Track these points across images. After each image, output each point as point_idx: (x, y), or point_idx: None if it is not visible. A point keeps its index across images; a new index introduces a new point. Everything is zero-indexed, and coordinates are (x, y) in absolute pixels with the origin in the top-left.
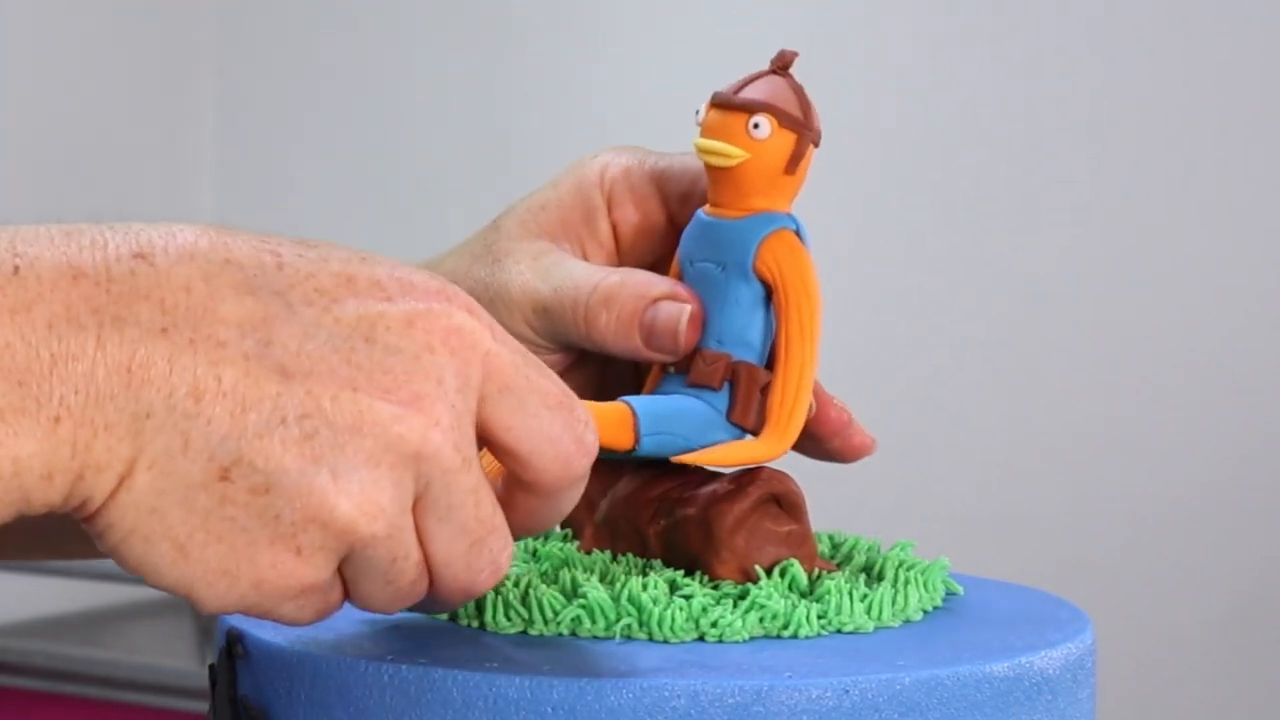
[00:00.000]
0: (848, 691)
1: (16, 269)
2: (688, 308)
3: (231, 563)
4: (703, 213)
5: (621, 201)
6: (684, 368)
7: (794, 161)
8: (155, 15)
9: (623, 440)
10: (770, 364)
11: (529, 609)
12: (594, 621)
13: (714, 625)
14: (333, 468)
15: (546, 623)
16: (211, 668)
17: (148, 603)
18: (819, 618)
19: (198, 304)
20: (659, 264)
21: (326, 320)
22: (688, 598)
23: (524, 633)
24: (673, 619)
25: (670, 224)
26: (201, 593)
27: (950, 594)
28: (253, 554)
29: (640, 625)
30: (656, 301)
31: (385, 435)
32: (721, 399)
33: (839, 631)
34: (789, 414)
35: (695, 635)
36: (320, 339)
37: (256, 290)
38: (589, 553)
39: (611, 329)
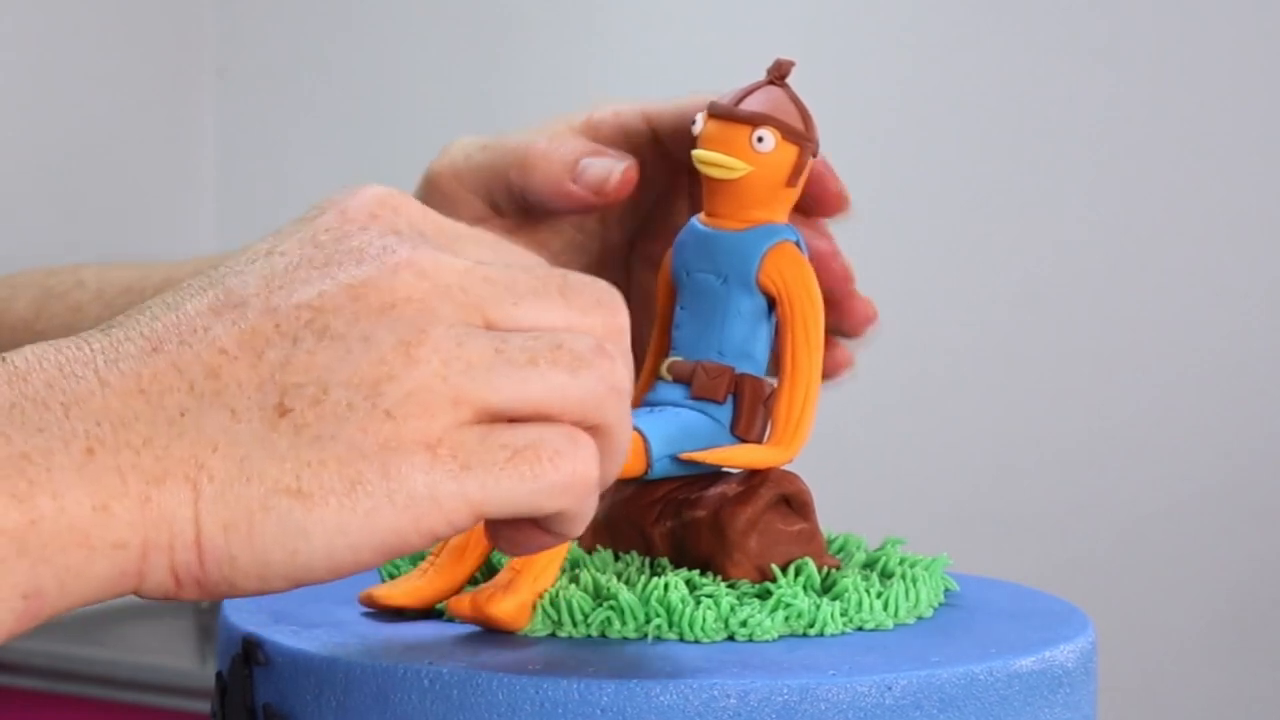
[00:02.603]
0: (890, 688)
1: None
2: (621, 164)
3: (350, 471)
4: (698, 222)
5: (455, 201)
6: (683, 377)
7: (796, 174)
8: (155, 15)
9: (635, 467)
10: (770, 374)
11: (558, 610)
12: (624, 623)
13: (744, 625)
14: (363, 336)
15: (576, 624)
16: (220, 675)
17: (148, 602)
18: (841, 615)
19: (172, 320)
20: None
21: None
22: (711, 597)
23: (553, 635)
24: (703, 619)
25: (497, 216)
26: (357, 527)
27: (947, 590)
28: (356, 452)
29: (670, 626)
30: (593, 155)
31: (379, 294)
32: (725, 412)
33: (860, 629)
34: (796, 425)
35: (725, 635)
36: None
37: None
38: (591, 551)
39: (550, 167)
